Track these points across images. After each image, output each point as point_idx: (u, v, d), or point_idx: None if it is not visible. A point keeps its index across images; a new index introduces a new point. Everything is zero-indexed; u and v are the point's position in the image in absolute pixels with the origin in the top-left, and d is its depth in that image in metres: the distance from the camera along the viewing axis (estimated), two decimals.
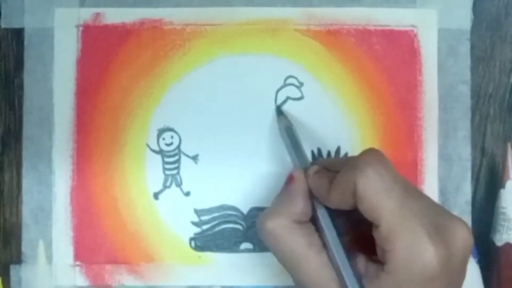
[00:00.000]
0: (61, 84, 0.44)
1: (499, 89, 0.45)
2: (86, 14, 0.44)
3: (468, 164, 0.44)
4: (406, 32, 0.44)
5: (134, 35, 0.44)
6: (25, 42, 0.44)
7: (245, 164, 0.44)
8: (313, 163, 0.39)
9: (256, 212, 0.44)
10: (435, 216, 0.33)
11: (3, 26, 0.44)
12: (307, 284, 0.36)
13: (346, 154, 0.44)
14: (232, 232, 0.44)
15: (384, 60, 0.44)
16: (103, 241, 0.44)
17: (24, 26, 0.44)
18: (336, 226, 0.36)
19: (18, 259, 0.44)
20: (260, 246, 0.44)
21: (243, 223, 0.44)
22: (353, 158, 0.36)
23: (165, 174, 0.44)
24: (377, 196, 0.33)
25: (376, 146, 0.44)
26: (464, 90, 0.44)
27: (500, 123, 0.45)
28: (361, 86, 0.44)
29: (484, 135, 0.44)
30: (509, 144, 0.44)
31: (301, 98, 0.44)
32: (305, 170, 0.38)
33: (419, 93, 0.44)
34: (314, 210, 0.37)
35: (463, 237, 0.33)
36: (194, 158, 0.44)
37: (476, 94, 0.44)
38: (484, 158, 0.44)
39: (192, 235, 0.44)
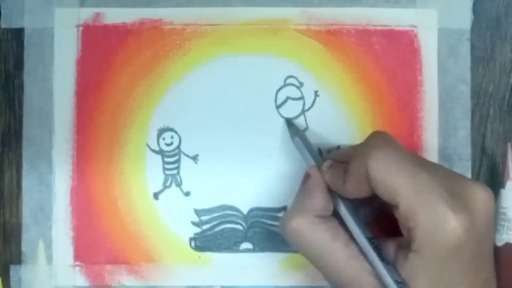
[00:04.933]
0: (61, 84, 0.44)
1: (499, 89, 0.45)
2: (86, 14, 0.44)
3: (468, 164, 0.44)
4: (406, 32, 0.44)
5: (134, 35, 0.44)
6: (25, 42, 0.44)
7: (245, 164, 0.44)
8: (324, 159, 0.40)
9: (256, 212, 0.44)
10: (452, 184, 0.33)
11: (3, 26, 0.44)
12: (338, 276, 0.36)
13: None
14: (232, 232, 0.44)
15: (384, 60, 0.44)
16: (103, 241, 0.44)
17: (24, 26, 0.44)
18: (359, 216, 0.37)
19: (18, 259, 0.44)
20: (260, 246, 0.44)
21: (243, 223, 0.44)
22: (361, 144, 0.37)
23: (165, 174, 0.44)
24: (390, 175, 0.34)
25: None
26: (464, 90, 0.44)
27: (500, 123, 0.45)
28: (361, 86, 0.44)
29: (484, 135, 0.44)
30: (509, 144, 0.44)
31: (301, 98, 0.44)
32: (319, 166, 0.39)
33: (419, 93, 0.44)
34: (335, 204, 0.38)
35: (483, 200, 0.33)
36: (194, 158, 0.44)
37: (476, 94, 0.44)
38: (484, 158, 0.44)
39: (192, 235, 0.44)
